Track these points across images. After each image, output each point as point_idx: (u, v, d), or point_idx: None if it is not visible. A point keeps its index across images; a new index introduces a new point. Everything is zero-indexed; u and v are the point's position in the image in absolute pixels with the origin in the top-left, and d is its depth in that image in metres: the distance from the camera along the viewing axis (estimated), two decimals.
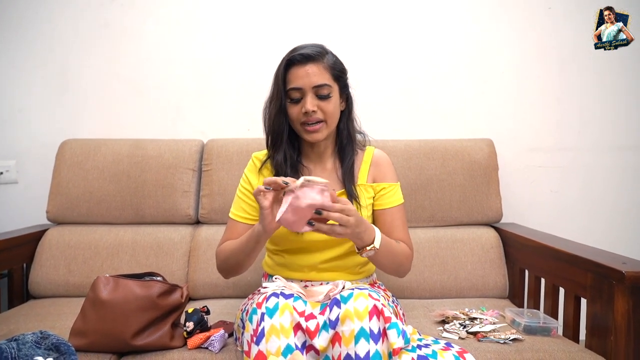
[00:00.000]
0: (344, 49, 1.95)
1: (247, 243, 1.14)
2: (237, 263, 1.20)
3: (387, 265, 1.21)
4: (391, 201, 1.27)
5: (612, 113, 1.98)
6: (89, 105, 1.98)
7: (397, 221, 1.26)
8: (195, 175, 1.81)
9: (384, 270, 1.24)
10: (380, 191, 1.28)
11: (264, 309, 0.96)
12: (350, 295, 0.96)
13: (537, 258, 1.51)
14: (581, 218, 1.98)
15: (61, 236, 1.74)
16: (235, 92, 1.99)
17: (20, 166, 1.98)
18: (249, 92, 1.97)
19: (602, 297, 1.18)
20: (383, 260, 1.17)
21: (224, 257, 1.23)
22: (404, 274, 1.27)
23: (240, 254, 1.17)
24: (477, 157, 1.80)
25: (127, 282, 1.17)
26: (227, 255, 1.21)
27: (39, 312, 1.48)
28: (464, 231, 1.76)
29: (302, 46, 1.22)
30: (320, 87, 1.17)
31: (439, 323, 1.38)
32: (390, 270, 1.23)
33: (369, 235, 1.09)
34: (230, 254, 1.20)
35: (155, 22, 1.97)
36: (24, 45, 1.95)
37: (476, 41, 1.98)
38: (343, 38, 1.97)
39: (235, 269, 1.22)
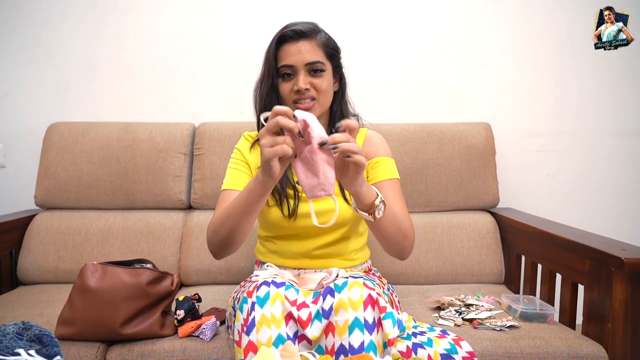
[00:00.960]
0: (339, 31, 1.89)
1: (247, 198, 0.98)
2: (231, 230, 1.03)
3: (393, 235, 1.06)
4: (385, 173, 1.20)
5: (610, 96, 1.94)
6: (77, 87, 1.93)
7: (393, 194, 1.16)
8: (187, 159, 1.77)
9: (390, 244, 1.09)
10: (373, 165, 1.22)
11: (254, 298, 0.93)
12: (344, 284, 0.93)
13: (534, 244, 1.49)
14: (579, 202, 1.96)
15: (50, 221, 1.70)
16: (227, 74, 1.93)
17: (7, 150, 1.93)
18: (242, 74, 1.92)
19: (600, 283, 1.16)
20: (389, 227, 1.03)
21: (218, 224, 1.06)
22: (409, 249, 1.13)
23: (239, 213, 1.00)
24: (474, 142, 1.76)
25: (116, 270, 1.14)
26: (222, 219, 1.05)
27: (28, 299, 1.45)
28: (460, 216, 1.74)
29: (295, 23, 1.18)
30: (312, 64, 1.13)
31: (435, 309, 1.37)
32: (395, 242, 1.08)
33: (368, 187, 0.96)
34: (226, 217, 1.04)
35: (144, 2, 1.90)
36: (9, 27, 1.89)
37: (473, 24, 1.93)
38: (338, 19, 1.91)
39: (230, 238, 1.05)
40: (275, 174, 0.89)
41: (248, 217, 1.01)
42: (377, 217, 0.97)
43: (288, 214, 1.17)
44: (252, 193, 0.96)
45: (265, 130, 0.87)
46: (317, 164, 0.86)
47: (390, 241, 1.08)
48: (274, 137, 0.86)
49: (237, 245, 1.08)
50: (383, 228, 1.03)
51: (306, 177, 0.88)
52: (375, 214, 0.96)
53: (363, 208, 0.97)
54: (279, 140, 0.86)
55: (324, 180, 0.87)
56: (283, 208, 1.17)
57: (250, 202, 0.97)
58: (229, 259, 1.63)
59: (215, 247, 1.11)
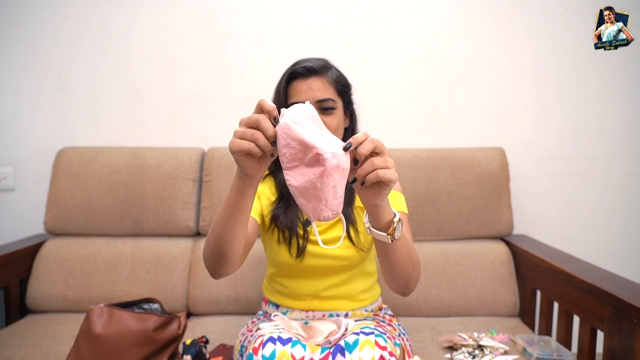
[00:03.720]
0: (350, 53, 1.89)
1: (229, 196, 0.88)
2: (219, 237, 0.91)
3: (404, 263, 0.97)
4: (395, 207, 1.14)
5: (629, 120, 1.88)
6: (86, 110, 1.92)
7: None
8: (196, 186, 1.75)
9: (397, 273, 0.99)
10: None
11: (260, 357, 0.91)
12: (355, 343, 0.91)
13: (550, 280, 1.45)
14: (596, 229, 1.90)
15: (59, 249, 1.69)
16: (235, 98, 1.91)
17: (16, 173, 1.93)
18: (250, 98, 1.87)
19: (620, 332, 1.12)
20: (402, 252, 0.95)
21: (208, 235, 0.96)
22: (414, 283, 1.04)
23: (223, 215, 0.89)
24: (488, 168, 1.72)
25: (122, 315, 1.12)
26: (210, 228, 0.94)
27: (36, 332, 1.44)
28: (473, 245, 1.70)
29: (305, 59, 1.15)
30: (323, 101, 1.11)
31: (447, 349, 1.33)
32: (404, 272, 0.99)
33: (388, 202, 0.88)
34: (214, 224, 0.93)
35: (153, 26, 1.89)
36: (20, 49, 1.88)
37: (487, 45, 1.88)
38: (349, 41, 1.88)
39: (218, 248, 0.92)
40: (246, 170, 0.80)
41: (233, 220, 0.88)
42: (396, 237, 0.87)
43: (296, 254, 1.14)
44: (232, 189, 0.86)
45: (244, 119, 0.77)
46: (327, 186, 0.74)
47: (399, 270, 0.98)
48: (245, 129, 0.76)
49: (229, 259, 0.94)
50: (396, 253, 0.94)
51: (308, 201, 0.76)
52: (394, 234, 0.87)
53: (380, 227, 0.87)
54: (248, 134, 0.75)
55: (332, 200, 0.76)
56: (291, 247, 1.15)
57: (231, 200, 0.87)
58: (238, 289, 1.62)
59: (208, 262, 0.98)
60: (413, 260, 1.01)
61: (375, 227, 0.88)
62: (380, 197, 0.82)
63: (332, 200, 0.76)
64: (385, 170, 0.77)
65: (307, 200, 0.76)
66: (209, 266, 0.99)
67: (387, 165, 0.77)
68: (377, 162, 0.77)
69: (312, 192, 0.75)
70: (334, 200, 0.76)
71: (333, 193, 0.75)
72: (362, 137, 0.77)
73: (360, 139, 0.77)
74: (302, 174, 0.75)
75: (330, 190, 0.75)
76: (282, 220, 1.14)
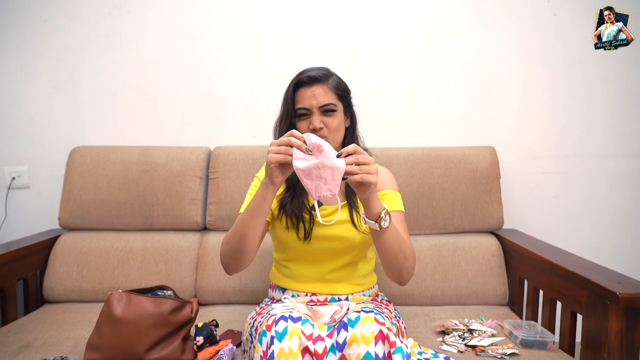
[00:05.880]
0: (347, 56, 1.99)
1: (254, 202, 1.12)
2: (241, 236, 1.13)
3: (395, 253, 1.15)
4: (391, 205, 1.29)
5: (615, 120, 1.99)
6: (98, 111, 2.02)
7: (398, 224, 1.24)
8: (203, 182, 1.85)
9: (391, 262, 1.17)
10: (380, 197, 1.30)
11: (273, 332, 1.01)
12: (357, 319, 1.01)
13: (536, 270, 1.55)
14: (583, 224, 2.01)
15: (73, 243, 1.79)
16: (240, 99, 2.01)
17: (32, 171, 2.03)
18: (254, 99, 2.00)
19: (596, 314, 1.22)
20: (392, 243, 1.13)
21: (230, 234, 1.18)
22: (408, 273, 1.21)
23: (246, 217, 1.13)
24: (480, 166, 1.82)
25: (140, 299, 1.22)
26: (233, 228, 1.17)
27: (54, 320, 1.54)
28: (465, 239, 1.80)
29: (309, 69, 1.30)
30: (325, 106, 1.25)
31: (439, 334, 1.43)
32: (396, 262, 1.17)
33: (378, 197, 1.11)
34: (236, 224, 1.16)
35: (161, 31, 1.99)
36: (35, 54, 1.98)
37: (479, 48, 1.98)
38: (347, 44, 1.98)
39: (240, 246, 1.15)
40: (273, 178, 1.07)
41: (255, 221, 1.14)
42: (382, 226, 1.09)
43: (303, 236, 1.27)
44: (257, 196, 1.12)
45: (276, 141, 1.06)
46: (325, 173, 1.01)
47: (392, 259, 1.17)
48: (279, 146, 1.04)
49: (246, 255, 1.17)
50: (386, 243, 1.14)
51: (311, 181, 1.02)
52: (381, 223, 1.09)
53: (371, 217, 1.10)
54: (282, 149, 1.04)
55: (330, 181, 1.01)
56: (299, 231, 1.26)
57: (256, 205, 1.12)
58: (243, 280, 1.71)
59: (227, 260, 1.21)
60: (404, 251, 1.17)
61: (368, 217, 1.11)
62: (367, 192, 1.07)
63: (330, 181, 1.01)
64: (366, 175, 1.03)
65: (310, 181, 1.02)
66: (228, 262, 1.21)
67: (369, 171, 1.04)
68: (363, 168, 1.04)
69: (315, 171, 1.01)
70: (332, 181, 1.01)
71: (331, 175, 1.01)
72: (350, 149, 1.05)
73: (348, 150, 1.05)
74: (306, 160, 1.02)
75: (329, 172, 1.01)
76: (289, 207, 1.27)
